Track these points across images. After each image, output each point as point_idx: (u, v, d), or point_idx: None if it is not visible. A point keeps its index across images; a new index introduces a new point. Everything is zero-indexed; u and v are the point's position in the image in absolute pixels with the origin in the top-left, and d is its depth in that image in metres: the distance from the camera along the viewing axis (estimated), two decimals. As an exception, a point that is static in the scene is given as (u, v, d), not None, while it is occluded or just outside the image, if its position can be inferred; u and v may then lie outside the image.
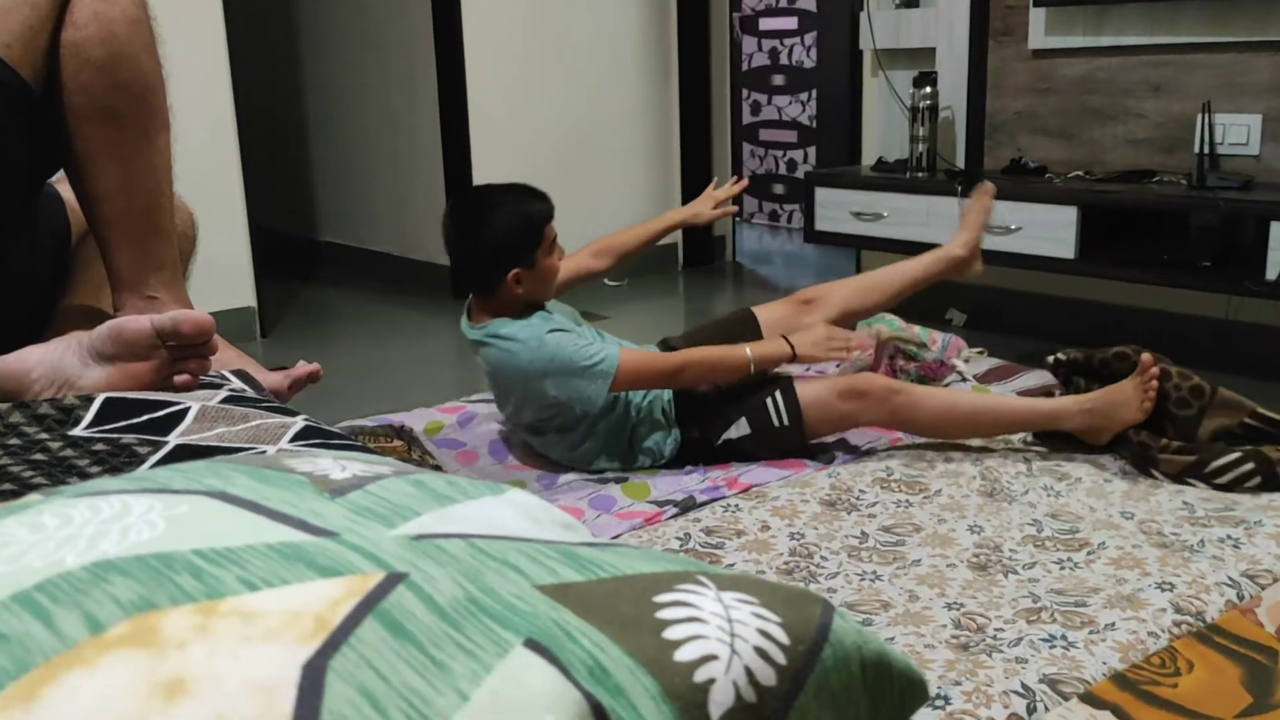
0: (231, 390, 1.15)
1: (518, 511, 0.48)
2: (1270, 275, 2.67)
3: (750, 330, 2.27)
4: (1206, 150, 3.05)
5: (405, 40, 4.47)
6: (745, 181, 2.53)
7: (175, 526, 0.41)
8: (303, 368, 1.43)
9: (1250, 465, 1.89)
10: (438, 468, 2.09)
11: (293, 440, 0.96)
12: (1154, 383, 1.97)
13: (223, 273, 3.68)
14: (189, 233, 1.56)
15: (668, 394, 2.10)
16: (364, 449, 0.98)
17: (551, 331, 1.96)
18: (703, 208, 2.44)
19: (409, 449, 2.16)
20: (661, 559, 0.44)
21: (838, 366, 2.32)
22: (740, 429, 2.07)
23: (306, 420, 1.02)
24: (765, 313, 2.33)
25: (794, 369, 2.23)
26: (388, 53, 4.61)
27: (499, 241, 1.98)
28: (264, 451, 0.92)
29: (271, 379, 1.38)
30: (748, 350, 1.97)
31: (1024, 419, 2.06)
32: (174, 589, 0.37)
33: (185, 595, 0.37)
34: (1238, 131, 3.07)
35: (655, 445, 2.08)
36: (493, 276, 2.00)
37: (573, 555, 0.42)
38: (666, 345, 2.27)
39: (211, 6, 3.58)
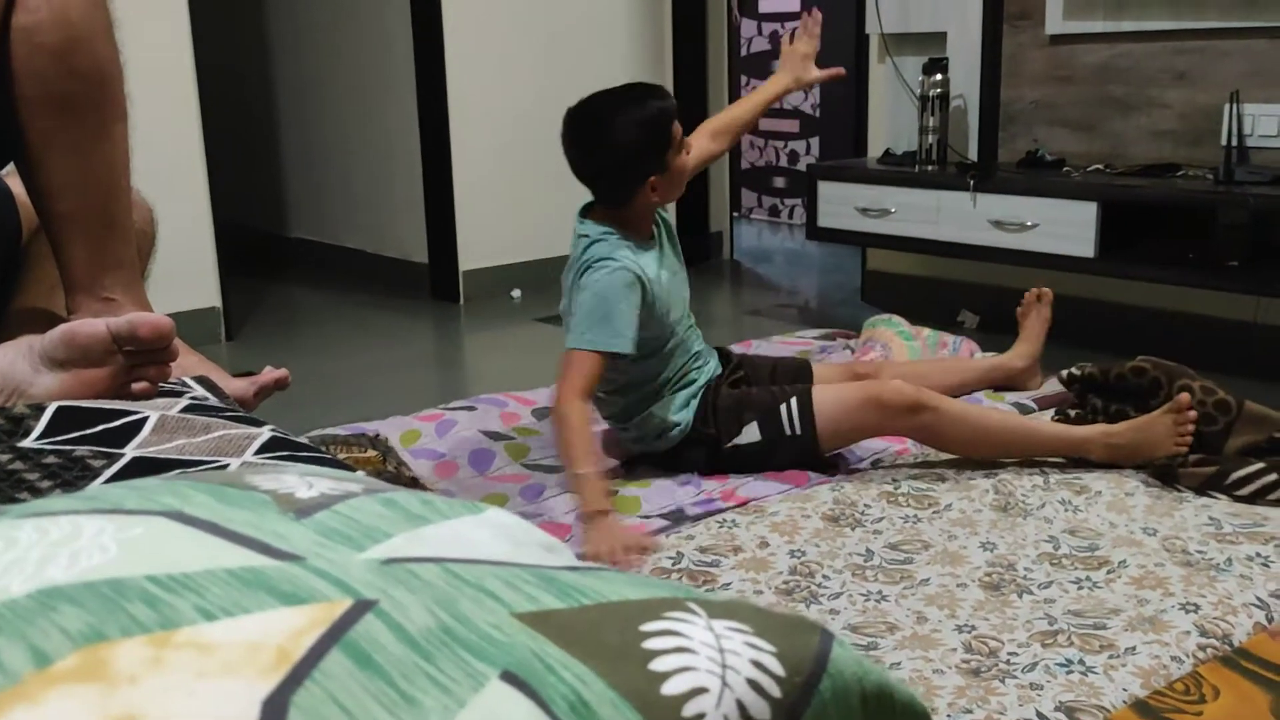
0: (193, 398, 1.15)
1: (497, 533, 0.48)
2: (1302, 276, 2.69)
3: (803, 378, 2.27)
4: (1235, 143, 3.07)
5: (382, 23, 4.47)
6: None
7: (128, 550, 0.41)
8: (269, 374, 1.43)
9: (1274, 476, 1.90)
10: (414, 479, 2.08)
11: (258, 452, 0.95)
12: (1190, 426, 1.97)
13: (185, 271, 3.68)
14: (148, 230, 1.55)
15: (701, 378, 2.10)
16: (335, 462, 0.98)
17: (626, 284, 1.94)
18: (802, 70, 2.40)
19: (384, 460, 2.16)
20: (649, 585, 0.44)
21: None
22: (751, 434, 2.07)
23: (273, 431, 1.02)
24: (819, 371, 2.33)
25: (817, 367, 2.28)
26: (364, 35, 4.61)
27: (629, 152, 1.98)
28: (226, 465, 0.92)
29: (236, 386, 1.38)
30: (580, 470, 1.87)
31: (1052, 446, 2.07)
32: (126, 619, 0.37)
33: (138, 625, 0.37)
34: (1268, 123, 3.09)
35: (660, 420, 2.08)
36: (629, 187, 2.00)
37: (554, 581, 0.42)
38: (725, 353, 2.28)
39: (174, -9, 3.58)
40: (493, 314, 4.23)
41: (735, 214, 5.61)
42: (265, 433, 1.00)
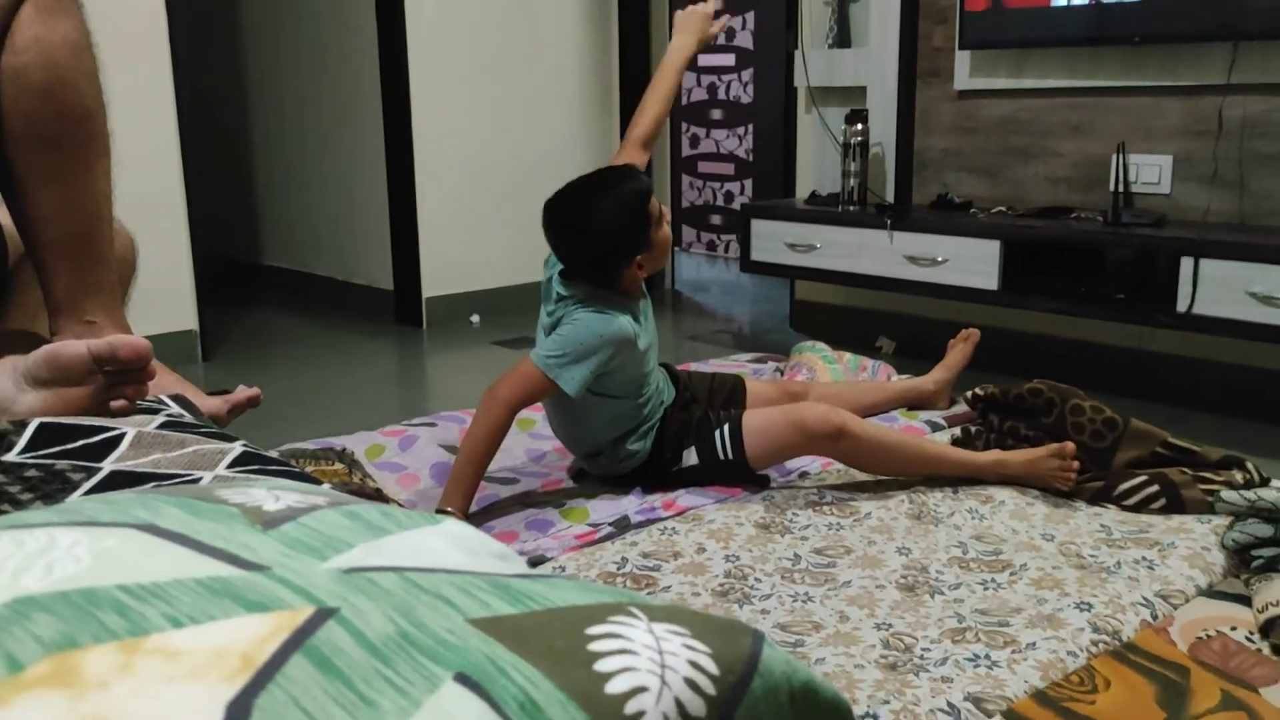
0: (169, 415, 1.12)
1: (453, 543, 0.47)
2: (1180, 307, 2.75)
3: (739, 397, 2.27)
4: (1121, 189, 3.13)
5: (350, 64, 4.44)
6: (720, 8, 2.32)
7: (101, 561, 0.39)
8: (242, 392, 1.40)
9: (1155, 487, 1.93)
10: (378, 491, 2.05)
11: (230, 466, 0.93)
12: (1071, 474, 1.99)
13: (165, 296, 3.61)
14: (129, 257, 1.52)
15: (661, 412, 2.09)
16: (303, 475, 0.96)
17: (612, 338, 1.90)
18: (700, 27, 2.30)
19: (350, 472, 2.13)
20: (595, 590, 0.44)
21: None
22: (690, 458, 2.07)
23: (244, 446, 1.00)
24: (753, 387, 2.34)
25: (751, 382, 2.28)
26: (333, 76, 4.57)
27: (614, 240, 1.92)
28: (200, 479, 0.90)
29: (210, 404, 1.35)
30: (446, 506, 1.86)
31: (954, 470, 2.08)
32: (97, 626, 0.36)
33: (109, 633, 0.35)
34: (1150, 171, 3.16)
35: (629, 452, 2.06)
36: (616, 271, 1.96)
37: (506, 587, 0.42)
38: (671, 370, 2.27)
39: (156, 30, 3.52)
40: (453, 338, 4.20)
41: (676, 248, 5.62)
42: (237, 448, 0.98)
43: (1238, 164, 2.98)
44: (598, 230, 1.92)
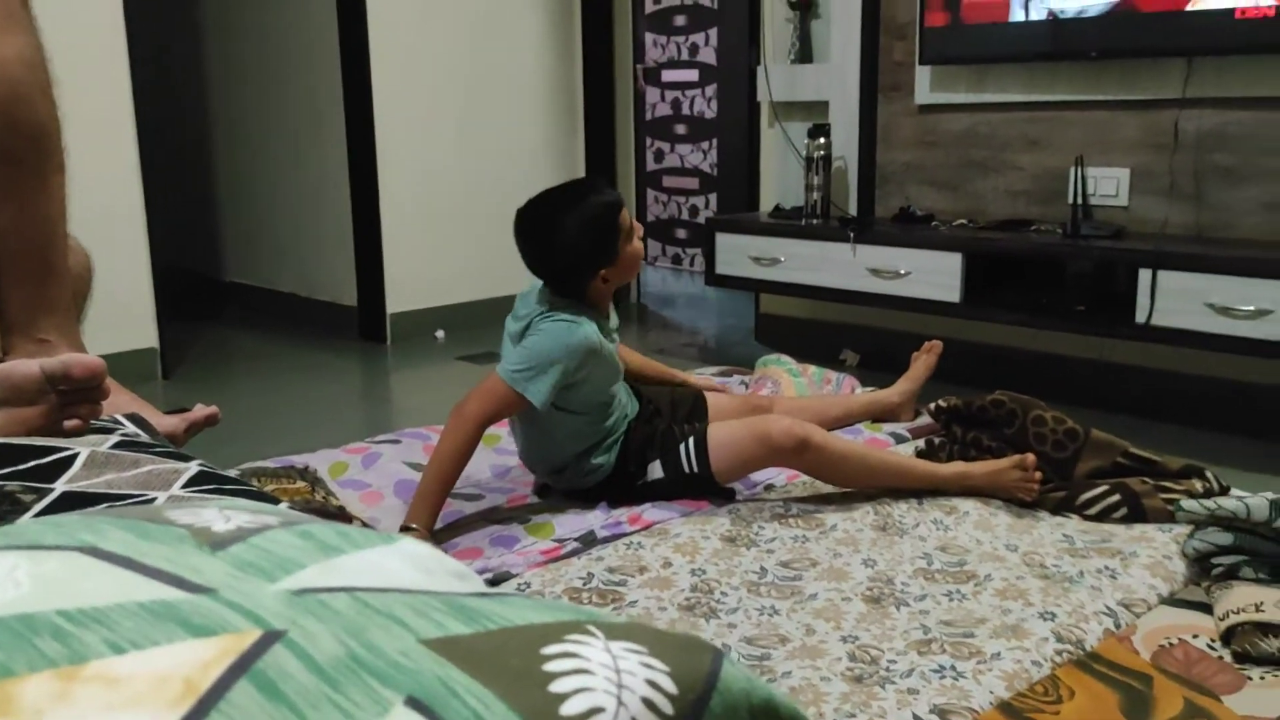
0: (124, 435, 1.10)
1: (408, 562, 0.46)
2: (1139, 319, 2.78)
3: (700, 410, 2.27)
4: (1080, 201, 3.17)
5: (314, 79, 4.41)
6: None
7: (40, 585, 0.38)
8: (200, 411, 1.38)
9: (1117, 497, 1.95)
10: (341, 509, 2.03)
11: (185, 486, 0.92)
12: (1034, 485, 2.01)
13: (124, 313, 3.56)
14: (84, 274, 1.49)
15: (624, 425, 2.08)
16: (260, 494, 0.94)
17: (577, 346, 1.90)
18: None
19: (312, 490, 2.10)
20: (552, 608, 0.43)
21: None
22: (655, 472, 2.06)
23: (201, 465, 0.98)
24: (716, 400, 2.34)
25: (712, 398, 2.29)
26: (296, 90, 4.54)
27: (580, 251, 1.92)
28: (154, 499, 0.88)
29: (167, 423, 1.33)
30: (411, 523, 1.85)
31: (918, 482, 2.09)
32: (34, 653, 0.34)
33: (46, 660, 0.34)
34: (1108, 184, 3.20)
35: (594, 467, 2.05)
36: (582, 282, 1.96)
37: (461, 607, 0.41)
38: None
39: (115, 44, 3.49)
40: (417, 353, 4.17)
41: (642, 262, 5.63)
42: (193, 467, 0.96)
43: (1194, 176, 3.03)
44: (563, 241, 1.93)
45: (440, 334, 4.37)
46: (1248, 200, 2.96)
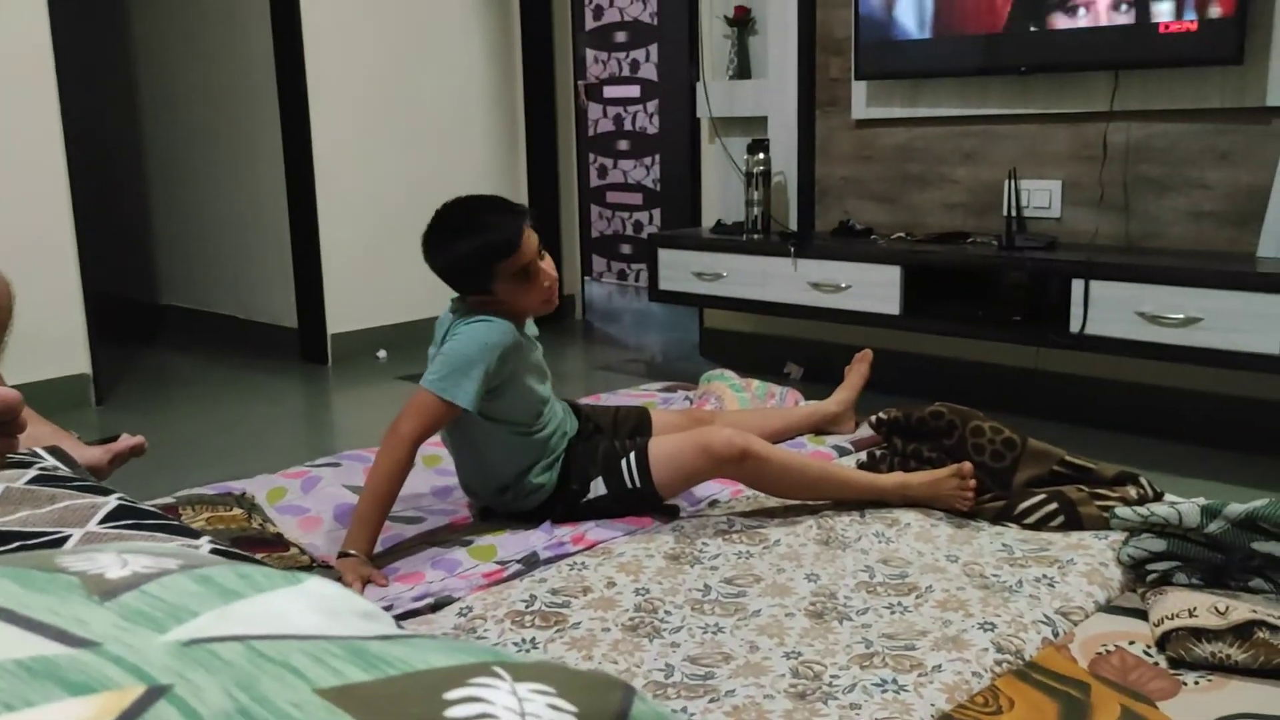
0: (42, 469, 1.07)
1: (312, 604, 0.44)
2: (1073, 328, 2.82)
3: (645, 426, 2.27)
4: (1014, 213, 3.22)
5: (249, 101, 4.35)
6: None
7: (-90, 644, 0.36)
8: (125, 441, 1.34)
9: (1054, 505, 1.97)
10: (279, 536, 1.99)
11: (103, 522, 0.89)
12: (970, 493, 2.03)
13: (55, 340, 3.48)
14: (4, 303, 1.45)
15: (564, 444, 2.07)
16: (182, 529, 0.92)
17: (495, 342, 1.90)
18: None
19: (249, 517, 2.06)
20: (458, 650, 0.42)
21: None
22: (598, 489, 2.05)
23: (120, 499, 0.95)
24: (660, 416, 2.34)
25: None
26: (231, 114, 4.48)
27: (462, 264, 1.96)
28: (69, 536, 0.85)
29: (90, 455, 1.29)
30: (349, 550, 1.84)
31: (859, 493, 2.10)
32: (-103, 720, 0.33)
33: (-92, 726, 0.32)
34: (1041, 196, 3.26)
35: (535, 486, 2.03)
36: (469, 290, 1.99)
37: (362, 652, 0.39)
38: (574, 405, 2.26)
39: (42, 68, 3.41)
40: (359, 374, 4.12)
41: (586, 277, 5.62)
42: (111, 501, 0.93)
43: (1123, 187, 3.09)
44: (450, 253, 1.96)
45: (382, 353, 4.33)
46: (1174, 210, 3.02)
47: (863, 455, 2.35)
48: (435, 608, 1.74)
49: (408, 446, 1.88)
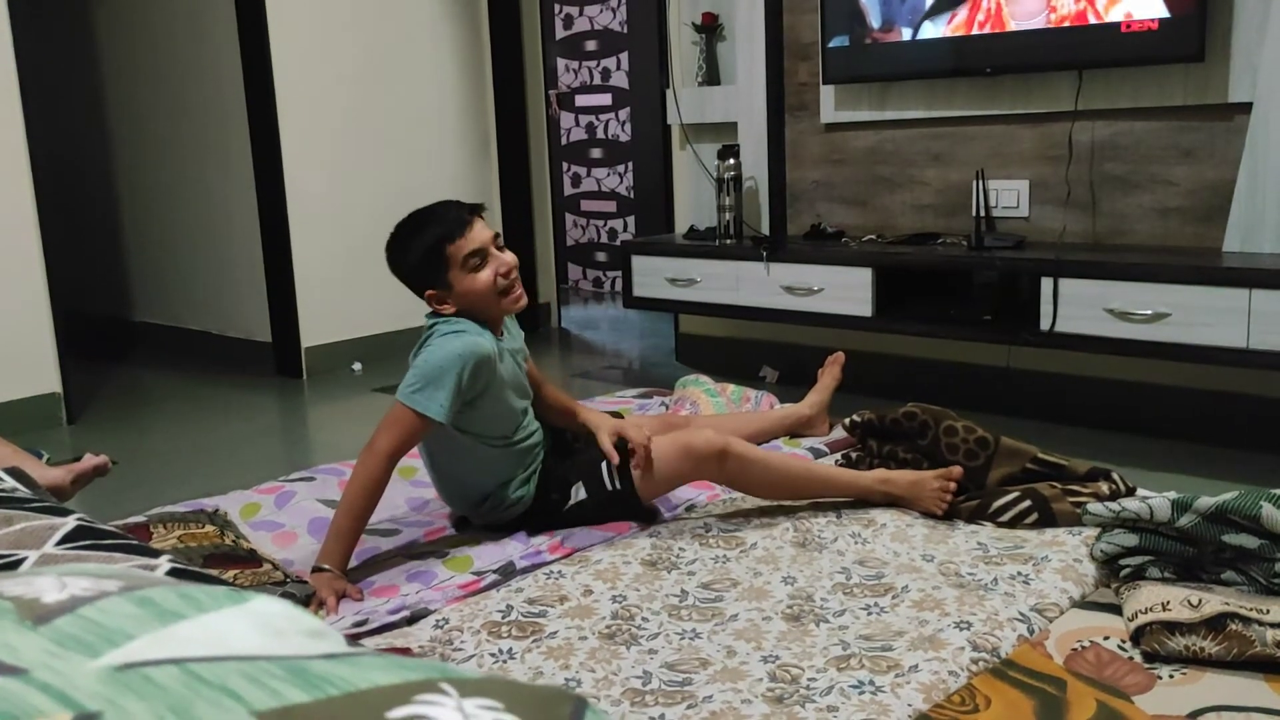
0: (0, 490, 1.05)
1: (256, 623, 0.43)
2: (1043, 326, 2.83)
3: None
4: (983, 214, 3.23)
5: (218, 115, 4.32)
6: None
7: None
8: (88, 461, 1.32)
9: (1028, 503, 1.97)
10: (252, 552, 1.96)
11: (60, 543, 0.87)
12: (949, 495, 2.03)
13: (23, 358, 3.43)
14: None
15: (540, 455, 2.05)
16: (143, 548, 0.90)
17: (468, 354, 1.87)
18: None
19: (221, 534, 2.03)
20: (403, 667, 0.40)
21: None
22: (578, 494, 2.03)
23: (79, 520, 0.93)
24: (641, 422, 2.32)
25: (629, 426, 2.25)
26: (200, 128, 4.44)
27: (409, 269, 1.96)
28: (25, 559, 0.83)
29: (51, 476, 1.27)
30: (323, 564, 1.82)
31: (839, 490, 2.09)
32: None
33: None
34: (1009, 195, 3.27)
35: (515, 499, 2.01)
36: (419, 292, 1.98)
37: (303, 672, 0.38)
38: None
39: (5, 77, 3.37)
40: (335, 386, 4.09)
41: (562, 286, 5.60)
42: (70, 522, 0.91)
43: (1089, 186, 3.11)
44: (399, 259, 1.97)
45: (358, 366, 4.30)
46: (1140, 207, 3.04)
47: (838, 457, 2.35)
48: (411, 620, 1.72)
49: (383, 462, 1.86)
